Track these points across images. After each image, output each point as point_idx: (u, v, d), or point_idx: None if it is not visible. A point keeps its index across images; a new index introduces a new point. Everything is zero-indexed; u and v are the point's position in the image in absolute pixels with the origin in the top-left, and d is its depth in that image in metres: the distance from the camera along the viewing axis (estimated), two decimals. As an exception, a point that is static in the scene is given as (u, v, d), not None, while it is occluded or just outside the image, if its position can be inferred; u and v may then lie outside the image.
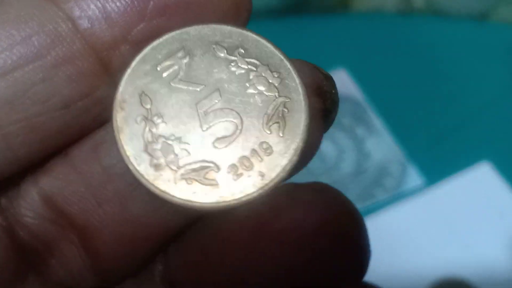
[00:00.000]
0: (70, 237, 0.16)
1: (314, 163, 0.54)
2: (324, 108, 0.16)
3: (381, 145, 0.55)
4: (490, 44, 0.63)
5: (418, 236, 0.50)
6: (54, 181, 0.16)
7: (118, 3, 0.14)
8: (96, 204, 0.16)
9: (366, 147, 0.55)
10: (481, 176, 0.53)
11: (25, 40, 0.14)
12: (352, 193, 0.52)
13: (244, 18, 0.16)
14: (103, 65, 0.15)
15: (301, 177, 0.17)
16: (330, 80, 0.16)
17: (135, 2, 0.14)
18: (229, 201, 0.15)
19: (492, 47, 0.63)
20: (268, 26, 0.66)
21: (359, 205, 0.52)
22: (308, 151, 0.15)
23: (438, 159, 0.54)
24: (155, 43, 0.15)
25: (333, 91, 0.16)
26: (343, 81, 0.59)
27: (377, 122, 0.57)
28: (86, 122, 0.15)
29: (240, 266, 0.14)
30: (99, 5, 0.14)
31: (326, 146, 0.55)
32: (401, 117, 0.57)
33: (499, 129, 0.56)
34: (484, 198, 0.52)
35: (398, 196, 0.52)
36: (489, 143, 0.55)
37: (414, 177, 0.53)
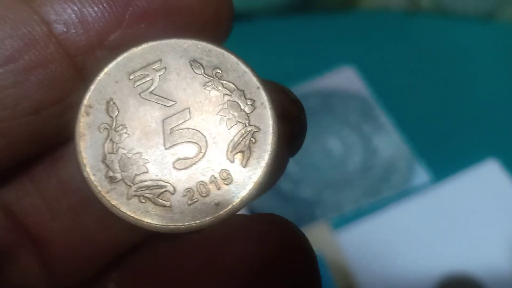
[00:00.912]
0: (27, 246, 0.16)
1: (321, 160, 0.54)
2: (290, 133, 0.15)
3: (388, 142, 0.55)
4: (497, 43, 0.63)
5: (424, 233, 0.50)
6: (11, 191, 0.16)
7: (95, 8, 0.14)
8: (50, 218, 0.16)
9: (373, 143, 0.55)
10: (488, 173, 0.53)
11: None
12: (359, 189, 0.53)
13: (225, 30, 0.15)
14: (77, 70, 0.14)
15: (309, 174, 0.17)
16: (298, 105, 0.16)
17: (113, 8, 0.14)
18: (179, 225, 0.14)
19: (498, 46, 0.63)
20: (275, 24, 0.66)
21: (366, 201, 0.52)
22: (270, 179, 0.15)
23: (445, 156, 0.54)
24: (132, 51, 0.15)
25: (301, 116, 0.16)
26: (351, 79, 0.60)
27: (384, 119, 0.57)
28: (58, 128, 0.15)
29: None
30: (76, 9, 0.14)
31: (333, 143, 0.55)
32: (408, 114, 0.57)
33: (506, 126, 0.56)
34: (491, 195, 0.52)
35: (405, 193, 0.52)
36: (496, 140, 0.55)
37: (421, 174, 0.53)
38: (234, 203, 0.14)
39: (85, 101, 0.15)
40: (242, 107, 0.15)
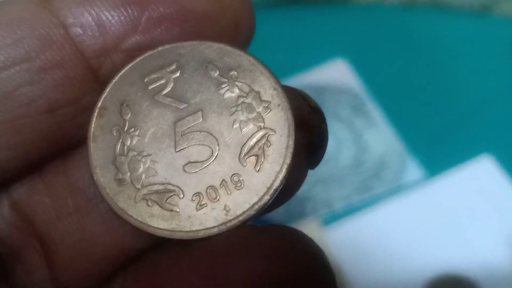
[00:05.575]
0: (35, 245, 0.16)
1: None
2: (309, 143, 0.15)
3: (380, 137, 0.54)
4: (492, 38, 0.63)
5: (417, 230, 0.49)
6: (22, 188, 0.16)
7: (112, 12, 0.14)
8: (56, 217, 0.16)
9: (364, 139, 0.54)
10: (482, 169, 0.52)
11: (15, 42, 0.14)
12: (350, 186, 0.52)
13: (245, 38, 0.15)
14: (92, 72, 0.15)
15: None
16: (318, 113, 0.15)
17: (130, 12, 0.14)
18: (186, 231, 0.14)
19: (494, 41, 0.62)
20: (269, 16, 0.65)
21: (357, 198, 0.51)
22: (287, 191, 0.14)
23: (438, 152, 0.54)
24: (148, 54, 0.15)
25: (322, 125, 0.15)
26: (343, 72, 0.59)
27: (376, 114, 0.56)
28: (71, 129, 0.15)
29: None
30: (93, 13, 0.14)
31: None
32: (401, 109, 0.56)
33: (500, 121, 0.56)
34: (485, 192, 0.51)
35: (397, 189, 0.51)
36: (491, 136, 0.54)
37: (413, 170, 0.52)
38: (245, 209, 0.14)
39: (99, 103, 0.15)
40: (257, 108, 0.14)
